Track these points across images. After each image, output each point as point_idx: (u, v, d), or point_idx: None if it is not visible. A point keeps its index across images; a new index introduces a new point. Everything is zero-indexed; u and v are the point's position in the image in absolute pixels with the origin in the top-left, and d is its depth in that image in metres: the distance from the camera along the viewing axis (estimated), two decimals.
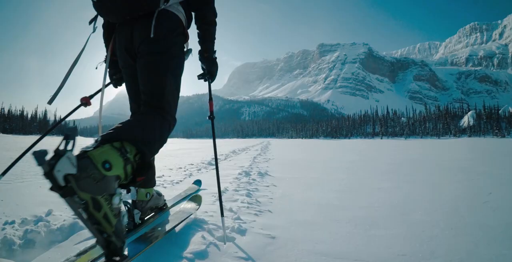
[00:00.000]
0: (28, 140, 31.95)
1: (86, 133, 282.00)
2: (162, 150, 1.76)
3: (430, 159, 11.03)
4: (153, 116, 1.95)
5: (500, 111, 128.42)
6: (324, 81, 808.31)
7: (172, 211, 2.74)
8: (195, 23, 2.32)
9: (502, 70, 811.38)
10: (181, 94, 2.26)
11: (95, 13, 1.95)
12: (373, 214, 2.99)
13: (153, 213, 2.54)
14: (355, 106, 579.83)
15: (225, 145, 28.20)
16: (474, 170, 6.97)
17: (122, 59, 2.20)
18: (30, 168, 5.71)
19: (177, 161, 8.94)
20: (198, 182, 4.19)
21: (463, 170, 6.97)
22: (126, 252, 1.48)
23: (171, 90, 2.06)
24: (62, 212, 2.66)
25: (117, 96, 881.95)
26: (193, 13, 2.30)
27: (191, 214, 2.55)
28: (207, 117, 2.40)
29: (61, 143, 1.22)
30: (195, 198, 3.03)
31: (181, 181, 4.91)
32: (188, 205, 2.78)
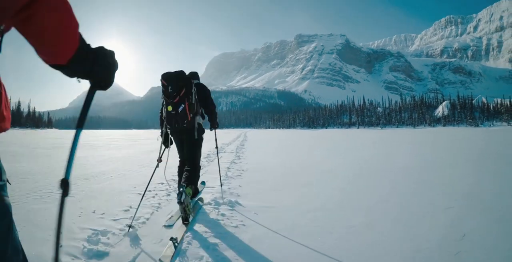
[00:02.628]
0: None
1: (61, 124, 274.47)
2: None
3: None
4: (195, 170, 4.55)
5: (473, 101, 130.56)
6: (302, 72, 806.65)
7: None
8: (204, 110, 4.72)
9: (476, 61, 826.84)
10: (157, 84, 3.15)
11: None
12: None
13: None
14: (332, 96, 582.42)
15: None
16: None
17: (178, 142, 4.70)
18: None
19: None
20: (203, 183, 5.76)
21: None
22: (189, 220, 3.89)
23: (199, 156, 4.70)
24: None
25: None
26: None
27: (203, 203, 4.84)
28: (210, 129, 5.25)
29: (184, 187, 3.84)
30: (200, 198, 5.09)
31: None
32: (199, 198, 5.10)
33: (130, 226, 3.56)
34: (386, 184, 6.34)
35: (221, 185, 5.75)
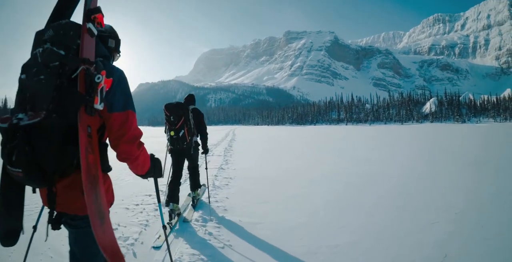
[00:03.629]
0: None
1: None
2: None
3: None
4: (195, 173, 6.07)
5: (460, 98, 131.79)
6: (290, 68, 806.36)
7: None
8: (197, 130, 5.81)
9: (463, 59, 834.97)
10: (146, 81, 3.48)
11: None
12: None
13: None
14: (320, 93, 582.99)
15: None
16: None
17: (175, 158, 5.55)
18: None
19: None
20: (203, 185, 6.90)
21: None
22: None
23: (196, 161, 6.11)
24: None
25: None
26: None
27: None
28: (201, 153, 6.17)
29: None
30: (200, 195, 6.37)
31: None
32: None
33: None
34: (372, 195, 6.39)
35: (209, 202, 5.83)
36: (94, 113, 1.70)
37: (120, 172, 8.40)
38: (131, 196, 6.33)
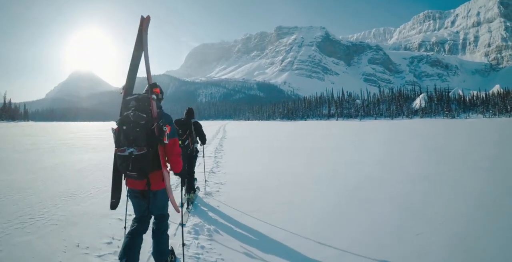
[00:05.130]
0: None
1: (38, 116, 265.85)
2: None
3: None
4: (192, 177, 7.01)
5: (450, 93, 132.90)
6: (281, 64, 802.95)
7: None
8: (199, 137, 7.25)
9: (453, 55, 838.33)
10: (136, 75, 3.80)
11: None
12: None
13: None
14: (311, 88, 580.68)
15: None
16: None
17: (184, 161, 5.91)
18: None
19: None
20: (197, 188, 7.72)
21: None
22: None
23: (194, 167, 7.30)
24: None
25: (70, 77, 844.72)
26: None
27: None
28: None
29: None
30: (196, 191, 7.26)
31: None
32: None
33: None
34: (359, 201, 6.49)
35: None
36: (164, 145, 3.31)
37: (109, 174, 8.35)
38: (123, 205, 6.03)
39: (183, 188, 5.81)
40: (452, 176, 8.57)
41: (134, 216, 3.57)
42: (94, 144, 20.93)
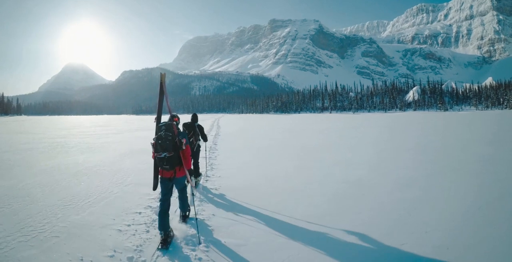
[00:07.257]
0: None
1: (31, 110, 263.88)
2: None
3: None
4: (197, 166, 9.11)
5: (443, 86, 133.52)
6: (275, 56, 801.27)
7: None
8: (201, 137, 9.27)
9: (446, 48, 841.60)
10: (129, 68, 3.22)
11: None
12: None
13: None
14: (305, 81, 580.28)
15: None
16: None
17: None
18: None
19: None
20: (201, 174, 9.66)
21: None
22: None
23: (198, 158, 9.19)
24: None
25: (63, 70, 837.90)
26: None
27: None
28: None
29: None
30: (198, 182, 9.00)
31: None
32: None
33: None
34: (351, 207, 6.54)
35: (197, 227, 5.50)
36: (182, 150, 5.21)
37: (108, 186, 8.45)
38: (121, 214, 6.28)
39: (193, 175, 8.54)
40: (442, 179, 8.57)
41: (158, 198, 5.78)
42: (88, 142, 20.73)
